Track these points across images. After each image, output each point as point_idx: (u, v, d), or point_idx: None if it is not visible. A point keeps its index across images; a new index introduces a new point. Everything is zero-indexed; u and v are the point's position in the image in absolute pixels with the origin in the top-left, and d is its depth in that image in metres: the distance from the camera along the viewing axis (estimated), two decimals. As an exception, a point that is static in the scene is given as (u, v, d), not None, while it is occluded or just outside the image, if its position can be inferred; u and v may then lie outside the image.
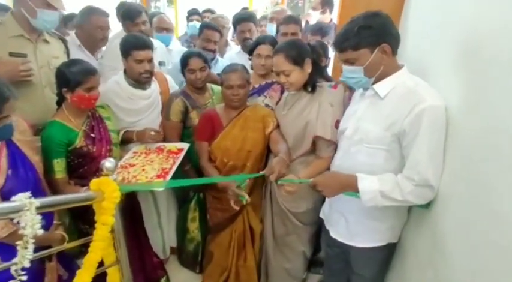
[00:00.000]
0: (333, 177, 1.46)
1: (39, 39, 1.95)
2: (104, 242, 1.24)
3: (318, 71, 1.79)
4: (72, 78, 1.67)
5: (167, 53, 2.91)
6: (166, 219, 2.40)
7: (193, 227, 2.29)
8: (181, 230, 2.37)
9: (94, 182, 1.26)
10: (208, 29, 2.64)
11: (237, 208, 1.81)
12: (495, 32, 1.01)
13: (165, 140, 2.15)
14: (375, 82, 1.38)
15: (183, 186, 2.22)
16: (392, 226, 1.52)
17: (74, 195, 1.22)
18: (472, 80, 1.12)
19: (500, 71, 0.95)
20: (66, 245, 1.42)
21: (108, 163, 1.29)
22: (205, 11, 4.07)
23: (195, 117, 2.12)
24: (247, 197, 1.71)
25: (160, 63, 2.76)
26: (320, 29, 2.82)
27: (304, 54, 1.69)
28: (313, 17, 3.64)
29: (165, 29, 3.01)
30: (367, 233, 1.53)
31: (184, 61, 2.13)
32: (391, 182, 1.31)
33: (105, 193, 1.23)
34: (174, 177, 2.10)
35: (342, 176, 1.42)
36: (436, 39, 1.45)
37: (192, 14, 3.99)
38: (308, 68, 1.71)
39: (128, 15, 2.62)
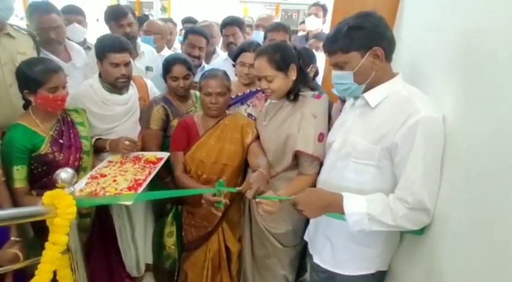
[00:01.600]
0: (316, 194, 1.29)
1: (1, 34, 1.79)
2: (52, 264, 1.09)
3: (303, 79, 1.65)
4: (32, 79, 1.53)
5: (157, 58, 2.78)
6: (142, 234, 2.23)
7: (170, 243, 2.11)
8: (157, 245, 2.19)
9: (47, 195, 1.12)
10: (193, 34, 2.51)
11: (219, 214, 1.65)
12: (497, 31, 0.91)
13: (143, 149, 2.01)
14: (366, 90, 1.26)
15: (154, 199, 2.06)
16: (383, 253, 1.37)
17: (19, 210, 1.08)
18: (473, 85, 1.00)
19: (505, 74, 0.85)
20: (17, 264, 1.26)
21: (64, 174, 1.15)
22: (186, 21, 3.92)
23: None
24: (224, 201, 1.54)
25: (148, 68, 2.62)
26: None
27: (289, 59, 1.55)
28: (312, 23, 3.50)
29: (153, 32, 2.89)
30: (355, 260, 1.38)
31: (167, 67, 1.99)
32: (381, 204, 1.17)
33: (58, 208, 1.09)
34: (152, 189, 1.95)
35: (326, 194, 1.27)
36: (433, 42, 1.34)
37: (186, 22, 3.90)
38: (293, 75, 1.57)
39: (112, 15, 2.47)
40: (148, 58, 2.64)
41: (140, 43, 2.66)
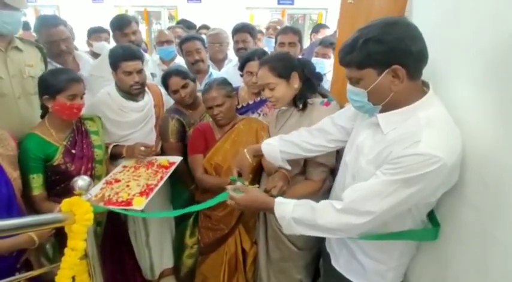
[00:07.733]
0: (254, 198, 1.31)
1: (9, 48, 1.82)
2: (71, 270, 1.11)
3: (310, 86, 1.65)
4: (53, 84, 1.58)
5: (160, 65, 2.89)
6: (157, 239, 2.27)
7: (192, 242, 2.16)
8: (179, 248, 2.24)
9: (65, 203, 1.15)
10: (185, 43, 2.56)
11: None
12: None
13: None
14: (385, 109, 1.09)
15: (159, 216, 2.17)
16: (396, 267, 1.28)
17: (39, 218, 1.10)
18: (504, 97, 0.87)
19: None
20: (37, 271, 1.29)
21: (81, 181, 1.18)
22: (201, 28, 4.03)
23: None
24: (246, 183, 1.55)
25: (152, 75, 2.71)
26: (332, 43, 2.74)
27: (290, 67, 1.57)
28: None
29: (164, 42, 2.93)
30: (366, 273, 1.31)
31: (164, 82, 2.06)
32: (305, 207, 1.15)
33: (76, 215, 1.12)
34: (177, 196, 2.08)
35: (262, 199, 1.29)
36: (446, 47, 1.21)
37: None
38: (295, 83, 1.58)
39: (116, 25, 2.54)
40: (151, 66, 2.75)
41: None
